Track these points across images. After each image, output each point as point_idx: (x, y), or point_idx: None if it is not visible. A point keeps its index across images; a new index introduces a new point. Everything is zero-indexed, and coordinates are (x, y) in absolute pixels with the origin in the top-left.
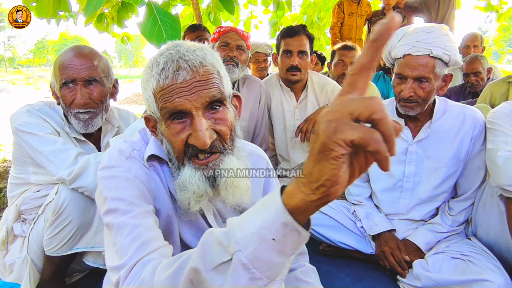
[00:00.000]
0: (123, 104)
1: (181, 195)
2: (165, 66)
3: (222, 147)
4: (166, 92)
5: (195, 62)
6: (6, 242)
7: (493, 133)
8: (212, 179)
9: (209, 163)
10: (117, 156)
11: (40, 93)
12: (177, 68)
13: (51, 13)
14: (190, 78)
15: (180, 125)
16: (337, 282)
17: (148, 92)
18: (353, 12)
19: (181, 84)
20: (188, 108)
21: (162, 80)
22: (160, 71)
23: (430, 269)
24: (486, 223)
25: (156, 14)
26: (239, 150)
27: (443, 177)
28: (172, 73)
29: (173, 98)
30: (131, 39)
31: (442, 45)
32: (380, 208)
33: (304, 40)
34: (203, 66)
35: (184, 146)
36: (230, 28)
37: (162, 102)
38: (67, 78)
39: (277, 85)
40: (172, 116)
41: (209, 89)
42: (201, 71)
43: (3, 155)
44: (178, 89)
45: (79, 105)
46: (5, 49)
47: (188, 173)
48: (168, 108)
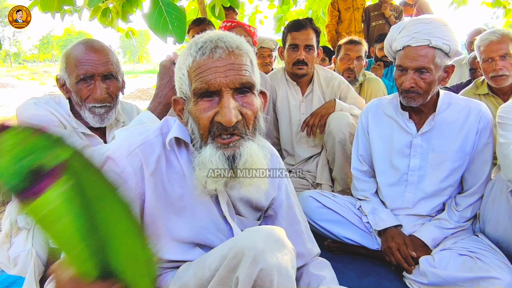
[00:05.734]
0: (127, 99)
1: (199, 173)
2: (203, 44)
3: (244, 131)
4: (201, 69)
5: (232, 44)
6: (10, 235)
7: (503, 128)
8: (231, 160)
9: (230, 143)
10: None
11: (45, 88)
12: (214, 46)
13: (55, 7)
14: (226, 58)
15: (208, 103)
16: (342, 278)
17: (182, 70)
18: (349, 6)
19: (216, 62)
20: (219, 86)
21: (199, 56)
22: (198, 49)
23: (436, 265)
24: (494, 219)
25: (162, 6)
26: (260, 140)
27: (449, 171)
28: (210, 50)
29: (207, 75)
30: (135, 34)
31: (441, 35)
32: (385, 204)
33: (311, 34)
34: (239, 49)
35: (209, 123)
36: (236, 23)
37: (195, 79)
38: (86, 73)
39: (283, 79)
40: (202, 94)
41: (242, 74)
42: (237, 54)
43: None
44: (213, 68)
45: (98, 100)
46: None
47: (209, 151)
48: (200, 85)
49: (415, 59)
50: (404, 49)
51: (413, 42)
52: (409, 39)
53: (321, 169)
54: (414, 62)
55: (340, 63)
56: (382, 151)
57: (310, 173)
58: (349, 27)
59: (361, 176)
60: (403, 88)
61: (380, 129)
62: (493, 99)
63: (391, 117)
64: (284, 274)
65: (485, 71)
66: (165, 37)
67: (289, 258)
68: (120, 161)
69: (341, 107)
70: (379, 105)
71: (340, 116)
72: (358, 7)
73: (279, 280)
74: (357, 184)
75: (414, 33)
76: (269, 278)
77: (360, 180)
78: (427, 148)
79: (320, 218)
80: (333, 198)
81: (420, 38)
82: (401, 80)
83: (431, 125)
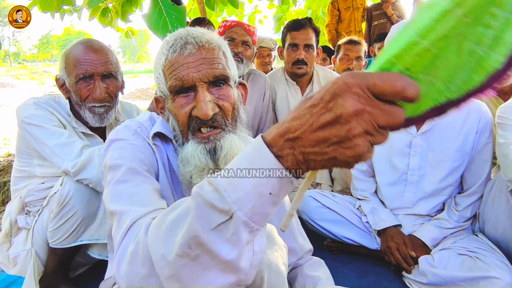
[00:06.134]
0: (127, 99)
1: (184, 169)
2: (174, 42)
3: (224, 123)
4: (173, 66)
5: (202, 39)
6: (10, 235)
7: (503, 128)
8: (213, 153)
9: (210, 136)
10: (124, 131)
11: (44, 88)
12: (184, 43)
13: (55, 7)
14: (197, 53)
15: (185, 99)
16: (341, 278)
17: (158, 70)
18: (349, 6)
19: (188, 58)
20: (193, 81)
21: (171, 54)
22: (170, 47)
23: (436, 265)
24: (494, 219)
25: (162, 6)
26: (241, 131)
27: (448, 170)
28: (180, 47)
29: (180, 72)
30: (135, 34)
31: None
32: (384, 203)
33: (310, 33)
34: (209, 43)
35: (188, 118)
36: (236, 22)
37: (170, 77)
38: (85, 73)
39: (282, 79)
40: (178, 92)
41: (215, 67)
42: (207, 48)
43: (7, 149)
44: (185, 64)
45: (97, 99)
46: (9, 44)
47: (191, 147)
48: (175, 82)
49: None
50: None
51: None
52: None
53: None
54: None
55: (340, 63)
56: (382, 151)
57: None
58: (348, 27)
59: (361, 176)
60: None
61: None
62: (494, 99)
63: None
64: (274, 271)
65: None
66: (165, 37)
67: (279, 255)
68: (129, 138)
69: None
70: None
71: None
72: (358, 7)
73: (269, 277)
74: (356, 183)
75: None
76: (259, 275)
77: (360, 179)
78: (427, 148)
79: (319, 218)
80: (332, 198)
81: None
82: None
83: (430, 125)
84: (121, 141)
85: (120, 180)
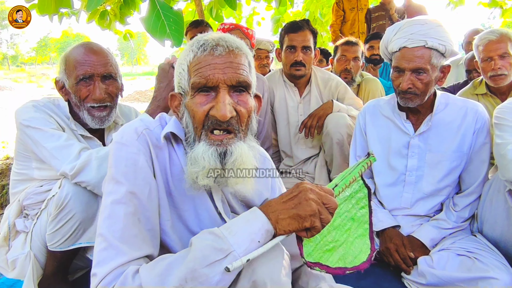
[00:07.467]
0: (125, 102)
1: (191, 168)
2: (205, 42)
3: (237, 128)
4: (200, 64)
5: (232, 44)
6: (8, 238)
7: (500, 128)
8: (223, 156)
9: (223, 140)
10: (130, 133)
11: (42, 91)
12: (215, 44)
13: (53, 10)
14: (226, 56)
15: (205, 97)
16: (340, 279)
17: (182, 66)
18: (353, 6)
19: (216, 59)
20: (217, 82)
21: (200, 52)
22: (200, 45)
23: (435, 266)
24: (492, 219)
25: (160, 9)
26: (250, 139)
27: (446, 171)
28: (211, 48)
29: (206, 70)
30: (133, 36)
31: (436, 36)
32: (383, 204)
33: (308, 35)
34: (239, 49)
35: (205, 117)
36: (234, 25)
37: (195, 74)
38: (85, 73)
39: (280, 81)
40: (200, 89)
41: (240, 73)
42: (236, 53)
43: (6, 152)
44: (212, 64)
45: (97, 99)
46: (8, 47)
47: (202, 148)
48: (199, 79)
49: (411, 60)
50: (401, 50)
51: (409, 43)
52: (405, 41)
53: (319, 170)
54: (411, 63)
55: (337, 64)
56: (380, 152)
57: (308, 174)
58: (352, 28)
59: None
60: (401, 89)
61: (378, 129)
62: (491, 99)
63: (389, 118)
64: (276, 282)
65: (484, 71)
66: (163, 40)
67: (281, 266)
68: (132, 143)
69: (338, 108)
70: (377, 106)
71: (337, 117)
72: (362, 8)
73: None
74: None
75: (410, 35)
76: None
77: None
78: (425, 149)
79: None
80: None
81: (416, 39)
82: (398, 81)
83: (428, 126)
84: (124, 148)
85: (120, 201)
